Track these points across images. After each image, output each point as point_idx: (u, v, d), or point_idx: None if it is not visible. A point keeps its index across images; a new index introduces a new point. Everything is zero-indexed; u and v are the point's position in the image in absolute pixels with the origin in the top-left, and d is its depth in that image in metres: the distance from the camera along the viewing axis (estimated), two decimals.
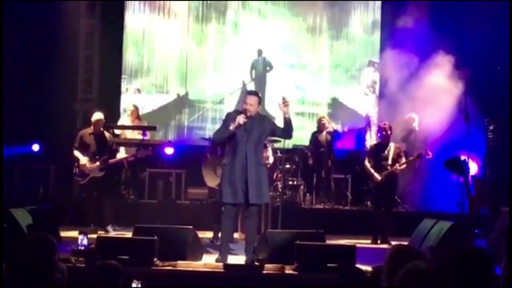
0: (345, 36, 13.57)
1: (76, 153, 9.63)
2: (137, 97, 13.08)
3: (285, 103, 7.00)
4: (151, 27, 13.32)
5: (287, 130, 7.24)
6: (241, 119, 7.04)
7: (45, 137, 11.91)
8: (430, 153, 10.90)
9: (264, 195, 7.31)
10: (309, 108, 13.40)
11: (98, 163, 9.54)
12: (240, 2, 13.39)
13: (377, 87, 13.42)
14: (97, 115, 9.80)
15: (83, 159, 9.56)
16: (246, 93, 7.90)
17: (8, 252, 3.79)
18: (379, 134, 10.10)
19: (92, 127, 9.75)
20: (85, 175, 9.56)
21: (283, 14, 13.45)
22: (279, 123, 7.34)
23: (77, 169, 9.62)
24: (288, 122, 7.14)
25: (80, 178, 9.62)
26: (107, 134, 9.93)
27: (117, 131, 11.24)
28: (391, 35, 12.58)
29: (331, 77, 13.55)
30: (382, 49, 13.20)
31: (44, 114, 11.68)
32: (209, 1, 13.34)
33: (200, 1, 13.34)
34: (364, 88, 13.56)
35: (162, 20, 13.33)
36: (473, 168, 10.75)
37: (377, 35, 13.57)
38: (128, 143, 10.96)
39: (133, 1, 13.32)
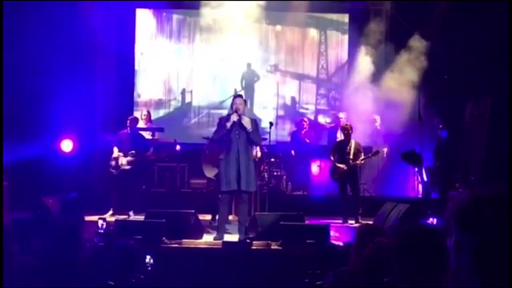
0: (324, 43, 13.22)
1: (114, 149, 9.54)
2: (146, 104, 12.98)
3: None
4: (155, 45, 13.15)
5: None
6: (234, 116, 7.32)
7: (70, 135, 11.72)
8: (385, 149, 10.96)
9: (251, 184, 7.43)
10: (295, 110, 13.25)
11: (128, 157, 9.47)
12: (230, 21, 13.02)
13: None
14: (132, 117, 9.82)
15: (116, 153, 9.47)
16: (233, 97, 7.96)
17: (42, 234, 3.77)
18: (341, 133, 10.12)
19: (128, 128, 9.69)
20: (117, 168, 9.46)
21: (269, 32, 13.15)
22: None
23: (113, 162, 9.54)
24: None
25: (114, 170, 9.49)
26: (143, 133, 9.88)
27: None
28: (357, 41, 12.31)
29: (314, 84, 13.32)
30: (350, 53, 12.83)
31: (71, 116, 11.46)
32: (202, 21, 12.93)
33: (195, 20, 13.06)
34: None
35: (164, 39, 13.16)
36: (426, 159, 10.76)
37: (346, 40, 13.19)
38: None
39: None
